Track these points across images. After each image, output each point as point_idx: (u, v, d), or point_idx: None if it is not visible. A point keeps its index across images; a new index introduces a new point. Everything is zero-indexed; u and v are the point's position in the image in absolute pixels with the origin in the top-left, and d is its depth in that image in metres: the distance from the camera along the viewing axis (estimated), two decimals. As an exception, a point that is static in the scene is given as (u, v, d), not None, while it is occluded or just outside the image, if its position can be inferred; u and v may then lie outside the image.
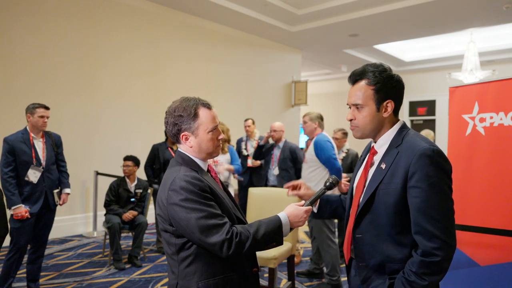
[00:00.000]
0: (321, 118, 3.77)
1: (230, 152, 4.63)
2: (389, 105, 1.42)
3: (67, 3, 5.43)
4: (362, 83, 1.43)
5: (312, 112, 3.83)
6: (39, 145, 3.35)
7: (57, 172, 3.48)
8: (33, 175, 3.25)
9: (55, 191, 3.42)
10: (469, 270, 2.40)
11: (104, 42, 5.83)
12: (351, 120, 1.47)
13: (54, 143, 3.48)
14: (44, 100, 5.18)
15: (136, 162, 4.52)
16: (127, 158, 4.49)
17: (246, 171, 5.08)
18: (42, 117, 3.28)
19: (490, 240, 2.33)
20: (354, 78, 1.46)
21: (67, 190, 3.54)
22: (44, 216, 3.37)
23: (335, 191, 3.12)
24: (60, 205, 3.49)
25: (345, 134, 4.69)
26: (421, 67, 11.57)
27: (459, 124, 2.53)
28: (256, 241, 1.39)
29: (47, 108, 3.36)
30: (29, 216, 3.17)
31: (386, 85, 1.41)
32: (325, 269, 3.65)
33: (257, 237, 1.39)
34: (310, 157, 3.68)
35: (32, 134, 3.32)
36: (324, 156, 3.54)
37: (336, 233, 4.02)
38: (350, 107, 1.48)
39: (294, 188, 1.67)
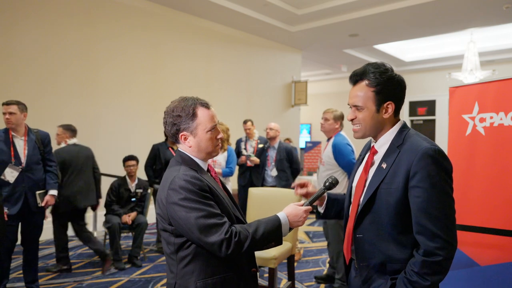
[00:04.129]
0: (343, 118, 3.53)
1: (228, 153, 4.63)
2: (390, 107, 1.42)
3: (67, 3, 5.43)
4: (363, 84, 1.42)
5: (335, 110, 3.56)
6: (20, 144, 3.19)
7: (41, 173, 3.29)
8: (10, 175, 3.09)
9: (38, 192, 3.23)
10: (469, 270, 2.40)
11: (104, 42, 5.83)
12: (352, 120, 1.47)
13: (40, 142, 3.29)
14: (44, 100, 5.21)
15: (137, 160, 4.54)
16: (129, 158, 4.49)
17: (246, 171, 5.08)
18: (4, 113, 3.11)
19: (490, 240, 2.33)
20: (355, 78, 1.45)
21: (52, 192, 3.32)
22: (30, 219, 3.21)
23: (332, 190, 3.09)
24: (44, 207, 3.28)
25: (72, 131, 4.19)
26: (421, 67, 11.57)
27: (459, 124, 2.53)
28: (255, 240, 1.39)
29: (7, 104, 3.16)
30: (6, 218, 2.96)
31: (387, 86, 1.40)
32: (336, 275, 3.56)
33: (256, 237, 1.39)
34: (328, 160, 3.51)
35: (12, 133, 3.17)
36: (343, 160, 3.40)
37: None
38: (351, 107, 1.48)
39: (301, 187, 1.65)
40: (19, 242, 3.31)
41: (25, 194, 3.16)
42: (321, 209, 1.68)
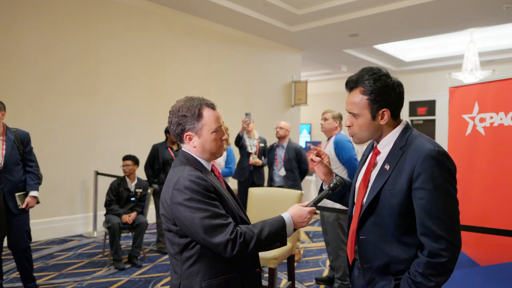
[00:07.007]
0: (341, 117, 3.64)
1: (228, 153, 4.62)
2: (386, 113, 1.41)
3: (67, 3, 5.43)
4: (357, 91, 1.42)
5: (333, 110, 3.68)
6: None
7: (21, 174, 3.19)
8: None
9: (18, 194, 3.14)
10: (469, 270, 2.40)
11: (104, 42, 5.83)
12: (349, 126, 1.47)
13: (20, 142, 3.19)
14: (44, 100, 5.21)
15: (135, 161, 4.52)
16: (126, 158, 4.49)
17: (247, 168, 5.03)
18: None
19: (490, 240, 2.33)
20: (350, 85, 1.45)
21: (33, 193, 3.20)
22: (13, 221, 3.12)
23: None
24: (24, 208, 3.18)
25: None
26: (421, 67, 11.58)
27: (459, 124, 2.53)
28: (260, 241, 1.39)
29: None
30: None
31: (381, 94, 1.38)
32: (336, 274, 3.58)
33: (261, 238, 1.39)
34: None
35: None
36: (345, 156, 3.47)
37: None
38: (348, 113, 1.48)
39: (318, 155, 1.65)
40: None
41: (4, 196, 3.04)
42: (325, 186, 1.66)
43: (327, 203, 3.33)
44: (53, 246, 4.90)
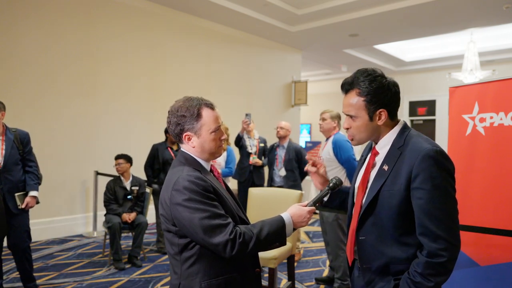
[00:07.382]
0: (339, 117, 3.64)
1: (228, 153, 4.61)
2: (383, 114, 1.41)
3: (67, 3, 5.43)
4: (354, 93, 1.42)
5: (331, 110, 3.69)
6: None
7: (21, 174, 3.20)
8: None
9: (18, 194, 3.14)
10: (469, 270, 2.40)
11: (104, 42, 5.83)
12: (347, 128, 1.48)
13: (19, 142, 3.19)
14: (44, 100, 5.21)
15: (127, 159, 4.50)
16: (118, 157, 4.49)
17: (247, 168, 5.02)
18: None
19: (490, 240, 2.33)
20: (346, 87, 1.45)
21: (33, 193, 3.21)
22: (12, 221, 3.12)
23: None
24: (24, 208, 3.18)
25: None
26: (421, 67, 11.57)
27: (459, 124, 2.53)
28: (259, 241, 1.39)
29: None
30: None
31: (377, 95, 1.39)
32: (335, 274, 3.58)
33: (260, 238, 1.39)
34: (327, 157, 3.55)
35: None
36: (344, 156, 3.47)
37: None
38: (346, 116, 1.48)
39: (314, 165, 1.67)
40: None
41: (3, 196, 3.04)
42: (325, 198, 1.67)
43: (326, 203, 3.34)
44: (53, 246, 4.90)
